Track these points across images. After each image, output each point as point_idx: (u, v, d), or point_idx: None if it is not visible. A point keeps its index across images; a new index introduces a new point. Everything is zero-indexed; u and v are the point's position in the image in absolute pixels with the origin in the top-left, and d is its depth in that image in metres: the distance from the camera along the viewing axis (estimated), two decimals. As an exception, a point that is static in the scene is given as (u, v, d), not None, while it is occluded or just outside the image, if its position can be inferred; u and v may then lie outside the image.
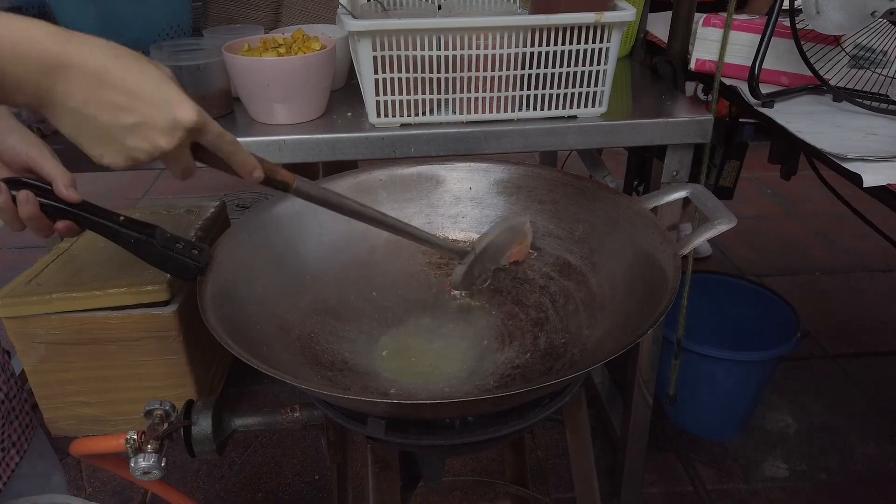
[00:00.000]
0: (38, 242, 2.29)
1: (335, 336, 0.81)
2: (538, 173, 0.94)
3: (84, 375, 1.63)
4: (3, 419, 0.79)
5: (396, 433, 0.69)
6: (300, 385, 0.61)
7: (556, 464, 1.67)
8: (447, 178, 0.97)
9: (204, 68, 1.06)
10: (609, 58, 1.03)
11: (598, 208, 0.88)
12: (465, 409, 0.65)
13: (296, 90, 1.04)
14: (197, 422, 0.77)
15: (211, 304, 0.69)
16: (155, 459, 0.76)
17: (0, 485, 0.79)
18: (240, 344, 0.65)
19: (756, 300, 1.75)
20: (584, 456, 0.83)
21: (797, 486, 1.61)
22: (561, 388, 0.74)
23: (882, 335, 2.13)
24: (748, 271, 2.45)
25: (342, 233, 0.92)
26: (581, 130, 1.09)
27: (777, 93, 1.14)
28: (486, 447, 0.76)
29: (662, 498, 1.58)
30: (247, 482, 1.63)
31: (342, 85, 1.23)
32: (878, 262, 2.50)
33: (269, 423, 0.81)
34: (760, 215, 2.87)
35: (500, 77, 1.03)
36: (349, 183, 0.93)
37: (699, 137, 1.11)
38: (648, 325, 0.63)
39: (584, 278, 0.85)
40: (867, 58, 1.16)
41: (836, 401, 1.87)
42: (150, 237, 0.71)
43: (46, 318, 1.55)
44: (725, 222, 0.75)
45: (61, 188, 0.66)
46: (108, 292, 1.56)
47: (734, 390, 1.64)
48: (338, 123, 1.09)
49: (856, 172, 0.85)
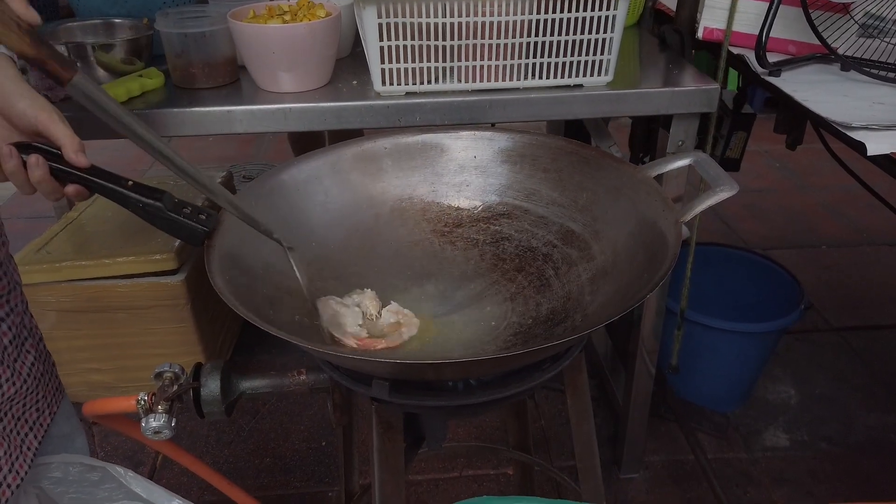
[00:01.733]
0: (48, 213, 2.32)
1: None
2: (542, 142, 0.94)
3: (95, 343, 1.66)
4: (37, 380, 0.82)
5: (400, 395, 0.71)
6: (306, 345, 0.62)
7: (558, 432, 1.69)
8: (452, 146, 0.97)
9: (209, 36, 1.06)
10: (616, 26, 1.03)
11: (601, 177, 0.88)
12: (466, 369, 0.66)
13: (301, 58, 1.04)
14: (206, 384, 0.79)
15: (218, 268, 0.70)
16: (165, 419, 0.78)
17: (36, 443, 0.81)
18: (246, 306, 0.66)
19: (760, 272, 1.75)
20: (584, 419, 0.84)
21: (798, 456, 1.63)
22: (562, 352, 0.75)
23: (887, 308, 2.13)
24: (754, 244, 2.45)
25: (347, 200, 0.92)
26: (587, 99, 1.09)
27: (784, 61, 1.13)
28: (487, 409, 0.77)
29: (663, 466, 1.60)
30: (255, 448, 1.66)
31: (347, 53, 1.23)
32: (885, 236, 2.49)
33: (276, 385, 0.82)
34: (768, 188, 2.86)
35: (505, 45, 1.03)
36: (354, 151, 0.94)
37: (705, 107, 1.11)
38: (648, 289, 0.64)
39: (587, 246, 0.85)
40: (877, 26, 1.15)
41: (838, 373, 1.88)
42: (158, 201, 0.72)
43: (57, 286, 1.58)
44: (727, 189, 0.75)
45: (70, 153, 0.67)
46: (116, 261, 1.58)
47: (737, 361, 1.65)
48: (343, 92, 1.09)
49: (860, 141, 0.85)
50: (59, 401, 0.90)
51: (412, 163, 0.97)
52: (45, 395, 0.85)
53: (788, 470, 1.59)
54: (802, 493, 1.53)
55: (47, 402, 0.85)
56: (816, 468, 1.59)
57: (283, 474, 1.59)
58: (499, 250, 0.91)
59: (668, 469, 1.60)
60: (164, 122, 1.04)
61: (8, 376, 0.76)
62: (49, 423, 0.86)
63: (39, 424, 0.83)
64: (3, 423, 0.77)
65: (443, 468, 1.59)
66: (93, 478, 0.89)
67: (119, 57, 1.11)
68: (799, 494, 1.52)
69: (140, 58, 1.14)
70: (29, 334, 0.83)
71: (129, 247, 1.61)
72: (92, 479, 0.89)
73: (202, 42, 1.06)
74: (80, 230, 1.73)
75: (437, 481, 1.56)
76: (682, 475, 1.58)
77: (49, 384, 0.86)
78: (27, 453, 0.80)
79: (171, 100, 1.08)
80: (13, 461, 0.77)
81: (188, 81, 1.10)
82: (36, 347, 0.84)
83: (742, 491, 1.54)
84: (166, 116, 1.04)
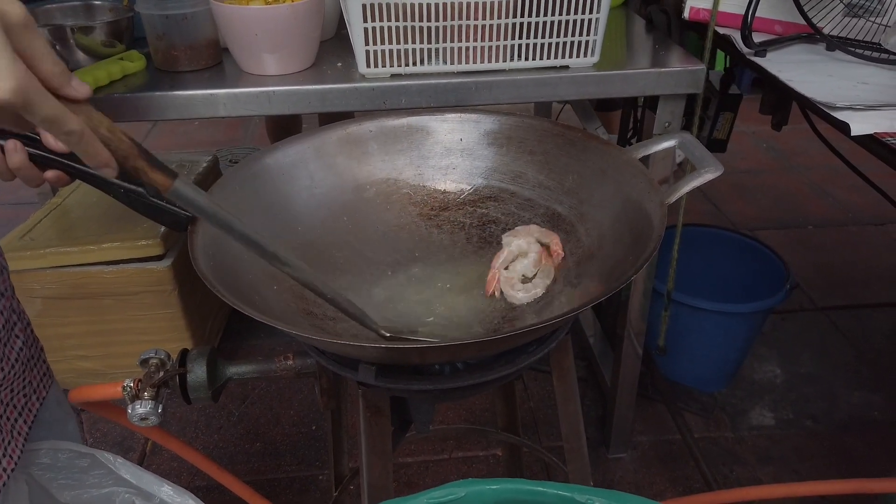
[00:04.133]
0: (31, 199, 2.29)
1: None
2: (529, 124, 0.94)
3: (82, 330, 1.65)
4: (24, 365, 0.81)
5: (387, 379, 0.71)
6: (291, 331, 0.62)
7: (547, 414, 1.70)
8: (438, 129, 0.97)
9: (191, 17, 1.05)
10: (602, 6, 1.02)
11: (587, 158, 0.88)
12: (452, 353, 0.66)
13: (284, 40, 1.03)
14: (192, 369, 0.79)
15: (202, 253, 0.70)
16: (152, 406, 0.78)
17: (27, 428, 0.81)
18: (231, 292, 0.66)
19: (747, 253, 1.76)
20: (571, 401, 0.85)
21: (783, 434, 1.65)
22: (548, 334, 0.75)
23: (871, 287, 2.15)
24: (742, 225, 2.46)
25: (333, 185, 0.92)
26: (573, 81, 1.08)
27: (770, 42, 1.13)
28: (474, 392, 0.78)
29: (651, 446, 1.62)
30: (245, 433, 1.67)
31: (332, 35, 1.22)
32: (870, 216, 2.51)
33: (264, 370, 0.82)
34: (755, 169, 2.88)
35: (491, 25, 1.02)
36: (339, 134, 0.93)
37: (691, 88, 1.11)
38: (633, 270, 0.64)
39: (573, 228, 0.85)
40: (863, 6, 1.14)
41: (824, 352, 1.90)
42: (141, 187, 0.71)
43: (42, 272, 1.57)
44: (712, 171, 0.75)
45: (49, 138, 0.66)
46: (102, 247, 1.57)
47: (723, 342, 1.66)
48: (327, 74, 1.08)
49: (843, 121, 0.85)
50: (48, 386, 0.89)
51: (398, 146, 0.96)
52: (32, 381, 0.84)
53: (774, 448, 1.61)
54: (788, 471, 1.55)
55: (34, 387, 0.85)
56: (801, 446, 1.61)
57: (273, 459, 1.60)
58: (485, 233, 0.91)
59: (655, 449, 1.61)
60: (147, 106, 1.03)
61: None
62: (38, 409, 0.85)
63: (28, 410, 0.83)
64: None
65: (432, 450, 1.60)
66: (82, 464, 0.89)
67: (99, 40, 1.09)
68: (784, 472, 1.55)
69: (121, 40, 1.12)
70: (18, 319, 0.83)
71: (115, 232, 1.60)
72: (81, 466, 0.89)
73: (183, 24, 1.05)
74: (65, 216, 1.71)
75: (426, 463, 1.57)
76: (669, 454, 1.60)
77: (37, 369, 0.86)
78: (18, 438, 0.80)
79: (153, 83, 1.07)
80: (6, 446, 0.77)
81: (170, 64, 1.08)
82: (24, 332, 0.84)
83: (728, 469, 1.56)
84: (149, 100, 1.03)
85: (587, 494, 0.47)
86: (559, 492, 0.47)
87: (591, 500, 0.47)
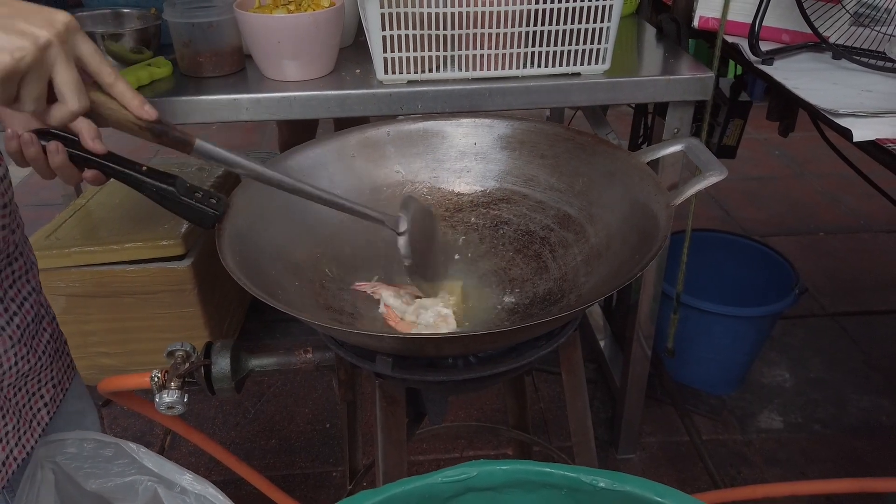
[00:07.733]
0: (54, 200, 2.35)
1: (345, 284, 0.86)
2: (540, 129, 0.97)
3: (104, 327, 1.70)
4: (51, 357, 0.85)
5: (403, 370, 0.74)
6: (313, 322, 0.66)
7: (557, 415, 1.73)
8: (452, 133, 1.00)
9: (216, 25, 1.09)
10: (612, 15, 1.05)
11: (597, 162, 0.91)
12: (465, 344, 0.69)
13: (305, 47, 1.07)
14: (216, 361, 0.82)
15: (229, 249, 0.73)
16: (178, 395, 0.81)
17: (48, 418, 0.85)
18: (256, 286, 0.69)
19: (756, 258, 1.78)
20: (579, 395, 0.87)
21: (791, 437, 1.66)
22: (558, 329, 0.78)
23: (882, 294, 2.16)
24: (753, 231, 2.47)
25: (351, 186, 0.95)
26: (584, 87, 1.11)
27: (777, 50, 1.16)
28: (487, 384, 0.81)
29: (659, 447, 1.64)
30: (260, 430, 1.70)
31: (350, 42, 1.26)
32: (883, 223, 2.52)
33: (284, 363, 0.86)
34: (767, 175, 2.89)
35: (505, 34, 1.05)
36: (357, 138, 0.97)
37: (700, 95, 1.14)
38: (639, 268, 0.67)
39: (583, 229, 0.88)
40: (869, 15, 1.17)
41: (833, 357, 1.91)
42: (172, 186, 0.75)
43: (66, 271, 1.61)
44: (717, 174, 0.78)
45: (88, 140, 0.70)
46: (125, 247, 1.62)
47: (732, 345, 1.68)
48: (346, 80, 1.12)
49: (846, 127, 0.87)
50: (71, 378, 0.93)
51: (414, 149, 0.99)
52: (58, 373, 0.88)
53: (782, 451, 1.63)
54: (795, 473, 1.57)
55: (59, 378, 0.89)
56: (809, 449, 1.63)
57: (288, 455, 1.63)
58: (498, 234, 0.94)
59: (663, 450, 1.63)
60: (173, 109, 1.07)
61: (24, 353, 0.80)
62: (62, 400, 0.89)
63: (53, 400, 0.87)
64: (17, 398, 0.80)
65: (444, 449, 1.63)
66: (106, 453, 0.92)
67: (128, 46, 1.14)
68: (792, 475, 1.56)
69: (149, 47, 1.16)
70: (45, 312, 0.87)
71: (137, 233, 1.65)
72: (105, 455, 0.92)
73: (209, 31, 1.09)
74: (89, 217, 1.76)
75: (438, 461, 1.60)
76: (678, 456, 1.62)
77: (62, 361, 0.90)
78: (36, 428, 0.83)
79: (178, 88, 1.11)
80: (20, 435, 0.80)
81: (195, 70, 1.13)
82: (51, 325, 0.88)
83: (736, 471, 1.57)
84: (175, 104, 1.07)
85: (592, 475, 0.50)
86: (566, 472, 0.50)
87: (595, 480, 0.49)
